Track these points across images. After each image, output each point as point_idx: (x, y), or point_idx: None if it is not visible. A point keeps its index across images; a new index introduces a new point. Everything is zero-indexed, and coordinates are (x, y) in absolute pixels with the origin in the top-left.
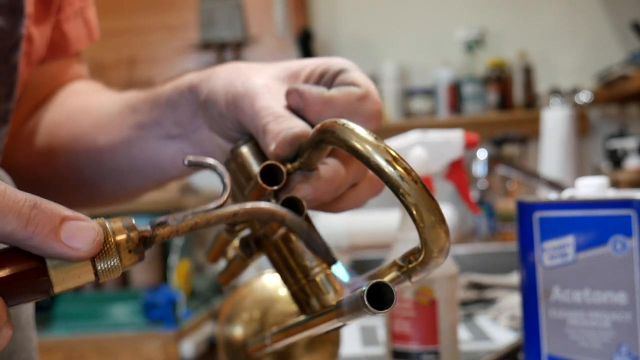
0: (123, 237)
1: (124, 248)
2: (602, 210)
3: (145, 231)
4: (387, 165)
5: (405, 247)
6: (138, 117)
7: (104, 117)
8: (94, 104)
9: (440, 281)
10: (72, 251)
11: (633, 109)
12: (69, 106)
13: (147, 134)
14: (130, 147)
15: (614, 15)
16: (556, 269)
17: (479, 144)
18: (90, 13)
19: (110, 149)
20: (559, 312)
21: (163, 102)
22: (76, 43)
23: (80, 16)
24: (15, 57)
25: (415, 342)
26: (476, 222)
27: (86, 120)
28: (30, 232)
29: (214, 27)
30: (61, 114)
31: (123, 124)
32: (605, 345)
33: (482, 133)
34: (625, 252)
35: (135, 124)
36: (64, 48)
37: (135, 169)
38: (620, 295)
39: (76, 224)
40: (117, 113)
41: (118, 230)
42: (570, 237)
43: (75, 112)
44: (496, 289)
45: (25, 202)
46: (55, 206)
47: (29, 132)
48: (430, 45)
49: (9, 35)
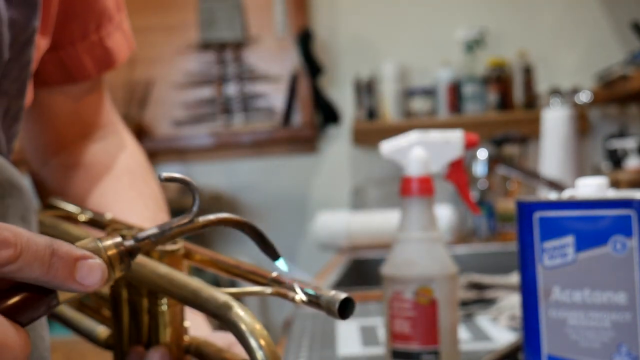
0: (114, 252)
1: (115, 261)
2: (602, 210)
3: (130, 246)
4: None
5: (406, 247)
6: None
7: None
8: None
9: (440, 281)
10: (84, 288)
11: (633, 109)
12: (106, 204)
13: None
14: None
15: (614, 15)
16: (556, 269)
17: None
18: (126, 25)
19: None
20: (559, 312)
21: None
22: (119, 55)
23: (119, 29)
24: (29, 52)
25: (415, 342)
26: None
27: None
28: (52, 277)
29: (214, 27)
30: (97, 200)
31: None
32: (605, 345)
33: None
34: (625, 252)
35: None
36: (109, 62)
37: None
38: (620, 295)
39: (87, 264)
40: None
41: (109, 247)
42: (570, 237)
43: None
44: (496, 289)
45: (46, 249)
46: (68, 248)
47: (61, 164)
48: (430, 45)
49: (23, 28)
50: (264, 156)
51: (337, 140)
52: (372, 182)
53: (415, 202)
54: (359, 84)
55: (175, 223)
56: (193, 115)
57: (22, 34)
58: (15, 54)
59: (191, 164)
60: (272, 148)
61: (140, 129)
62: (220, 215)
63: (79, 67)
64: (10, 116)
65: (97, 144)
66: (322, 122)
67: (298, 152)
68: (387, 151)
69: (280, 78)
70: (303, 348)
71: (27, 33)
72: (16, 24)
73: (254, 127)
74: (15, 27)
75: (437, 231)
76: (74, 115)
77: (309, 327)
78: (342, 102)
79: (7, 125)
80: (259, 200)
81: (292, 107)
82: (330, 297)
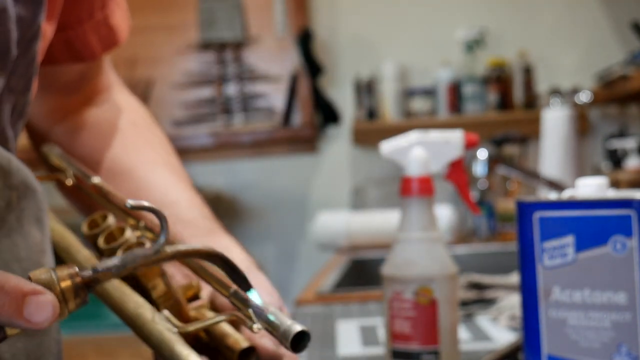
0: (68, 284)
1: (70, 294)
2: (602, 210)
3: (88, 277)
4: None
5: (406, 247)
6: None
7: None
8: (146, 179)
9: (440, 281)
10: (33, 325)
11: (633, 109)
12: (116, 156)
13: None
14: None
15: (614, 15)
16: (556, 269)
17: (479, 144)
18: (122, 1)
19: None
20: (559, 312)
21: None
22: (123, 33)
23: (119, 6)
24: (34, 48)
25: (415, 342)
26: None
27: (128, 186)
28: None
29: (214, 27)
30: (107, 155)
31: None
32: (605, 345)
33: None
34: (625, 252)
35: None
36: (114, 40)
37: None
38: (620, 295)
39: (36, 300)
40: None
41: (63, 279)
42: (570, 237)
43: (122, 172)
44: (496, 289)
45: None
46: (16, 283)
47: (66, 130)
48: (430, 45)
49: (29, 25)
50: (264, 156)
51: (337, 140)
52: (372, 182)
53: (415, 202)
54: (359, 84)
55: (141, 254)
56: (193, 115)
57: (29, 30)
58: (22, 51)
59: (191, 164)
60: (272, 148)
61: None
62: (191, 247)
63: (86, 47)
64: (17, 112)
65: (100, 107)
66: (322, 122)
67: (298, 152)
68: (387, 151)
69: (280, 78)
70: None
71: (33, 29)
72: (23, 20)
73: (254, 127)
74: (23, 24)
75: (437, 231)
76: (77, 84)
77: (308, 327)
78: (342, 102)
79: (14, 121)
80: (259, 200)
81: (292, 107)
82: (287, 328)
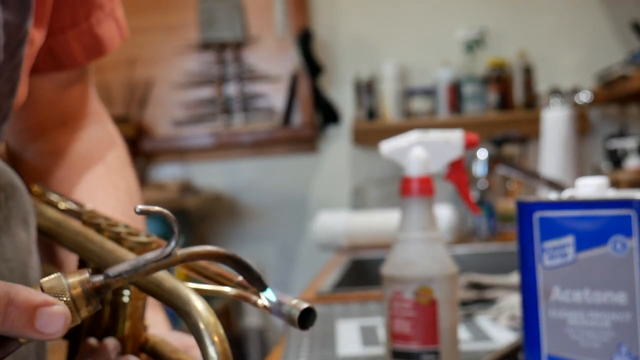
0: (79, 291)
1: (81, 301)
2: (602, 210)
3: (100, 283)
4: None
5: (406, 247)
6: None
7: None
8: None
9: (440, 281)
10: (46, 336)
11: (633, 109)
12: (81, 196)
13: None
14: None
15: (614, 15)
16: (556, 269)
17: (479, 144)
18: (119, 13)
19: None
20: (559, 312)
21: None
22: (110, 44)
23: (111, 17)
24: (21, 53)
25: (415, 342)
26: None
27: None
28: (8, 327)
29: (214, 27)
30: (74, 192)
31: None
32: (605, 345)
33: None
34: (625, 252)
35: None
36: (99, 50)
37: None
38: (620, 295)
39: (48, 312)
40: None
41: (74, 286)
42: (570, 237)
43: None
44: (496, 289)
45: (1, 299)
46: (27, 295)
47: (39, 150)
48: (430, 45)
49: (17, 30)
50: (264, 156)
51: (337, 140)
52: (372, 182)
53: (415, 202)
54: (359, 84)
55: (152, 258)
56: (193, 115)
57: (16, 36)
58: (8, 55)
59: (191, 164)
60: (272, 148)
61: (140, 129)
62: (203, 249)
63: (68, 55)
64: (1, 116)
65: (77, 133)
66: (322, 122)
67: (298, 152)
68: (387, 151)
69: (280, 78)
70: (303, 348)
71: (21, 34)
72: (11, 25)
73: (254, 127)
74: (10, 29)
75: (437, 231)
76: (56, 102)
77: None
78: (342, 102)
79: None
80: (259, 200)
81: (292, 107)
82: (292, 306)
